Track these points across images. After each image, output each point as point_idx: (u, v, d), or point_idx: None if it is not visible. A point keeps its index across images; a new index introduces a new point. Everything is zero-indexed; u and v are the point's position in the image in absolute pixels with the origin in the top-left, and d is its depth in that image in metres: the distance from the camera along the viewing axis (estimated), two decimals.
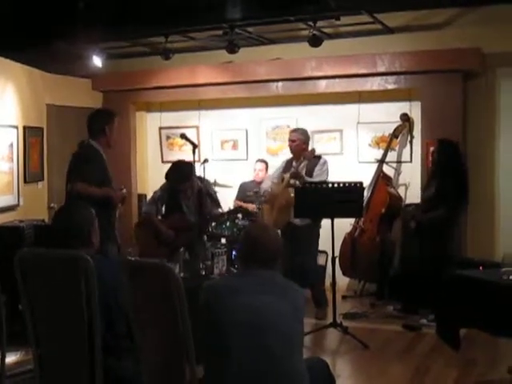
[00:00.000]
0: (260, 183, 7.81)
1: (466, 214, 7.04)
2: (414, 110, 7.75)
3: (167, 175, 6.94)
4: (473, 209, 6.91)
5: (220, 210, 7.15)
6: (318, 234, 6.72)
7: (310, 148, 6.90)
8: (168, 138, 9.20)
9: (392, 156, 7.88)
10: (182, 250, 5.84)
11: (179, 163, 6.99)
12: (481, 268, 5.74)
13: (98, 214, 3.70)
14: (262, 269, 3.13)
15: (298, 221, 6.70)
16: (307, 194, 6.18)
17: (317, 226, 6.65)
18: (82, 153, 5.60)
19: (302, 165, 6.75)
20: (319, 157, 6.85)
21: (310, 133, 7.43)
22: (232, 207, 7.78)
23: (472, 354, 5.45)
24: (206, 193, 6.77)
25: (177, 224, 6.86)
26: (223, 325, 2.98)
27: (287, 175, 6.77)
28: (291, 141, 6.88)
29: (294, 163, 6.85)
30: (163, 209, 7.09)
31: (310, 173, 6.68)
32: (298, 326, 3.10)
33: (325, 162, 6.78)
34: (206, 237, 6.71)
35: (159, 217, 7.02)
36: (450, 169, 6.52)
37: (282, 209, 6.77)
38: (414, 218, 6.76)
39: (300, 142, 6.83)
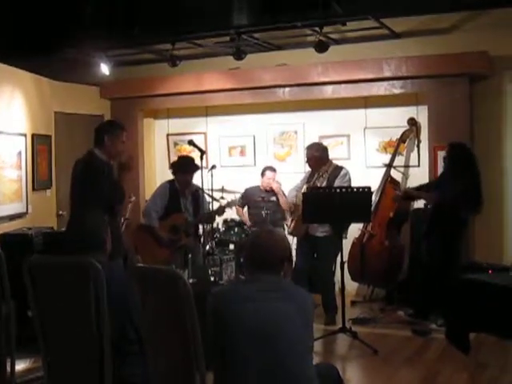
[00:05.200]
0: (270, 192, 7.76)
1: (474, 217, 7.02)
2: (421, 114, 7.74)
3: (175, 167, 7.09)
4: (481, 212, 6.87)
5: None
6: (338, 245, 6.24)
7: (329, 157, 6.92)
8: (176, 144, 9.21)
9: (399, 160, 7.87)
10: (190, 256, 5.86)
11: (185, 156, 7.59)
12: (490, 272, 5.72)
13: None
14: (269, 274, 3.11)
15: (318, 231, 6.74)
16: (315, 199, 6.17)
17: (339, 238, 6.34)
18: (81, 160, 5.39)
19: (324, 177, 6.76)
20: (340, 168, 6.85)
21: (317, 138, 7.43)
22: (234, 213, 7.85)
23: (482, 358, 5.41)
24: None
25: (175, 222, 6.94)
26: (232, 332, 2.97)
27: (305, 187, 6.79)
28: (307, 158, 6.91)
29: (315, 175, 6.86)
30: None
31: (330, 185, 6.64)
32: (306, 331, 3.09)
33: (345, 174, 6.77)
34: (213, 243, 6.76)
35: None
36: (466, 172, 6.48)
37: (300, 219, 6.73)
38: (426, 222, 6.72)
39: (315, 160, 6.83)
